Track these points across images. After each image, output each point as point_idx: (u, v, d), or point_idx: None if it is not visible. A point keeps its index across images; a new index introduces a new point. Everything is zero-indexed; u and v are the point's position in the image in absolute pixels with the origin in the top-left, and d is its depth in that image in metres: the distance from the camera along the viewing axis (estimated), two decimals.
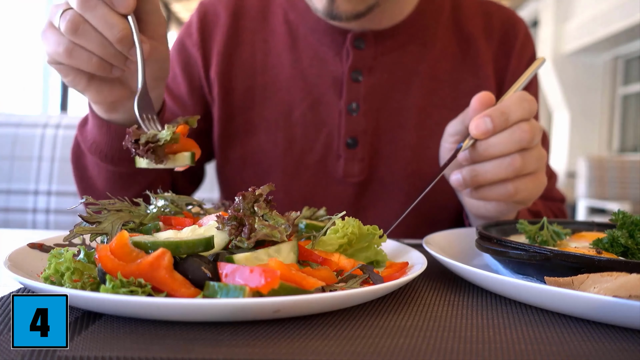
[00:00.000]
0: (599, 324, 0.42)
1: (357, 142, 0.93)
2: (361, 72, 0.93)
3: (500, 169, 0.65)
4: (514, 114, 0.64)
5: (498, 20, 1.00)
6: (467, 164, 0.68)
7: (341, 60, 0.94)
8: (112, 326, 0.38)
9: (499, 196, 0.68)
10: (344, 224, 0.54)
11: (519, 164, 0.64)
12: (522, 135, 0.64)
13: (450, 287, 0.53)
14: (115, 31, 0.58)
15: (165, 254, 0.40)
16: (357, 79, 0.93)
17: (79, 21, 0.58)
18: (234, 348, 0.35)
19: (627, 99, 6.49)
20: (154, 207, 0.57)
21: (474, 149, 0.66)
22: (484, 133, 0.64)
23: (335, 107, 0.94)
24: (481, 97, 0.67)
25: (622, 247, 0.53)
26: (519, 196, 0.67)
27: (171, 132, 0.57)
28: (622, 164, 4.56)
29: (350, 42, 0.93)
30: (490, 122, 0.63)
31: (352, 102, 0.93)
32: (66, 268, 0.41)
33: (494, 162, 0.65)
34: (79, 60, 0.60)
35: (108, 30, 0.58)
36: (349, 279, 0.46)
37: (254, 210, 0.47)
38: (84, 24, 0.58)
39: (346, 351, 0.35)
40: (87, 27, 0.58)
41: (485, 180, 0.66)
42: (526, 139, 0.64)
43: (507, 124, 0.64)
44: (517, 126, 0.64)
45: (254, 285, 0.38)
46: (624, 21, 5.33)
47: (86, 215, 0.52)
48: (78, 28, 0.58)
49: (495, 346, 0.37)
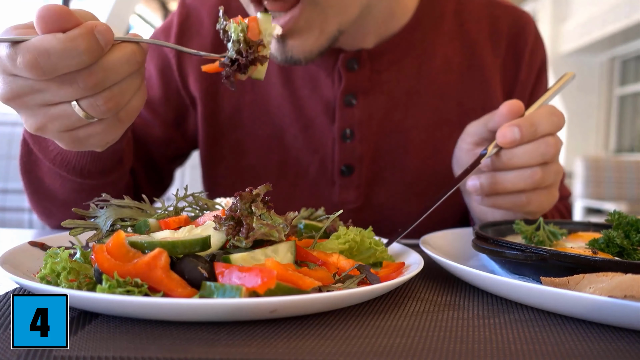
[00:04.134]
0: (595, 324, 0.42)
1: (353, 170, 0.87)
2: (355, 95, 0.86)
3: (519, 180, 0.64)
4: (542, 127, 0.63)
5: (505, 24, 0.92)
6: (487, 170, 0.67)
7: (333, 83, 0.87)
8: (109, 326, 0.38)
9: (512, 205, 0.67)
10: (347, 230, 0.54)
11: (539, 177, 0.64)
12: (547, 150, 0.63)
13: (446, 287, 0.53)
14: (136, 57, 0.50)
15: (162, 254, 0.40)
16: (351, 103, 0.86)
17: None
18: (231, 348, 0.35)
19: (624, 99, 6.51)
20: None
21: (497, 157, 0.65)
22: (511, 142, 0.63)
23: (328, 132, 0.88)
24: (511, 105, 0.66)
25: (618, 248, 0.53)
26: (530, 207, 0.67)
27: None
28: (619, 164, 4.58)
29: (342, 63, 0.85)
30: (518, 132, 0.63)
31: (345, 129, 0.87)
32: (62, 268, 0.41)
33: (515, 172, 0.65)
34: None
35: (130, 66, 0.50)
36: (346, 279, 0.46)
37: (251, 210, 0.47)
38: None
39: (342, 351, 0.35)
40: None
41: (503, 190, 0.66)
42: (550, 154, 0.64)
43: (534, 136, 0.63)
44: (543, 140, 0.64)
45: (250, 285, 0.38)
46: (621, 22, 5.35)
47: (80, 210, 0.52)
48: (118, 101, 0.51)
49: (492, 346, 0.37)
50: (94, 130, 0.53)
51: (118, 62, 0.49)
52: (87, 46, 0.46)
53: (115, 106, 0.51)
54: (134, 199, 0.55)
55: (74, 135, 0.54)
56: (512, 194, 0.66)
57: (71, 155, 0.69)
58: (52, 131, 0.53)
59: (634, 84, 6.25)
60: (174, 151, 0.96)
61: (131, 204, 0.54)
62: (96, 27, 0.47)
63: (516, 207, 0.67)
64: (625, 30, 5.40)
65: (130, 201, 0.54)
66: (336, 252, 0.52)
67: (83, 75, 0.48)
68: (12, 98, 0.50)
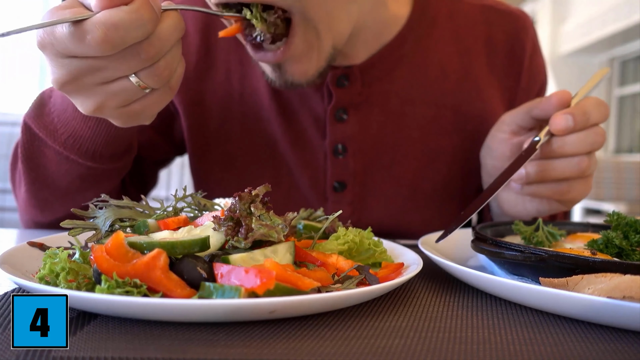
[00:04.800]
0: (593, 325, 0.42)
1: (346, 186, 0.85)
2: (346, 110, 0.83)
3: (567, 168, 0.66)
4: (593, 117, 0.65)
5: (500, 32, 0.90)
6: (534, 158, 0.67)
7: (322, 99, 0.84)
8: (108, 326, 0.38)
9: (552, 193, 0.68)
10: (346, 232, 0.54)
11: (585, 164, 0.65)
12: (595, 139, 0.65)
13: (445, 288, 0.53)
14: (182, 24, 0.52)
15: (161, 255, 0.40)
16: (342, 118, 0.83)
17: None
18: (230, 348, 0.35)
19: (623, 100, 6.51)
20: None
21: (546, 145, 0.66)
22: (564, 130, 0.64)
23: (319, 147, 0.85)
24: (561, 95, 0.67)
25: (617, 248, 0.53)
26: (569, 195, 0.68)
27: None
28: (618, 165, 4.58)
29: (331, 80, 0.82)
30: (572, 120, 0.64)
31: (337, 144, 0.84)
32: (61, 268, 0.41)
33: (564, 160, 0.66)
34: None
35: (178, 33, 0.52)
36: (345, 280, 0.46)
37: (250, 211, 0.47)
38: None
39: (341, 352, 0.35)
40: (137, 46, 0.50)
41: (550, 177, 0.67)
42: (598, 143, 0.65)
43: (586, 125, 0.65)
44: (593, 129, 0.65)
45: (249, 286, 0.38)
46: (620, 23, 5.35)
47: (79, 210, 0.52)
48: (173, 68, 0.53)
49: (490, 347, 0.37)
50: (150, 100, 0.55)
51: (170, 30, 0.50)
52: (150, 15, 0.48)
53: (169, 74, 0.53)
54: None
55: (130, 110, 0.55)
56: (555, 182, 0.68)
57: (84, 139, 0.69)
58: (110, 109, 0.54)
59: (633, 85, 6.25)
60: (159, 156, 0.94)
61: (130, 204, 0.54)
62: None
63: (556, 194, 0.68)
64: (625, 31, 5.40)
65: (129, 202, 0.54)
66: (335, 253, 0.52)
67: (144, 45, 0.49)
68: (70, 81, 0.51)
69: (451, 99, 0.87)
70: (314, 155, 0.86)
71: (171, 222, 0.51)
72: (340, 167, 0.85)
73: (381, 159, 0.86)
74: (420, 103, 0.86)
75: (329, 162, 0.85)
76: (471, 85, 0.88)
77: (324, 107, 0.84)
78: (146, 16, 0.47)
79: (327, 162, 0.85)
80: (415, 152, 0.87)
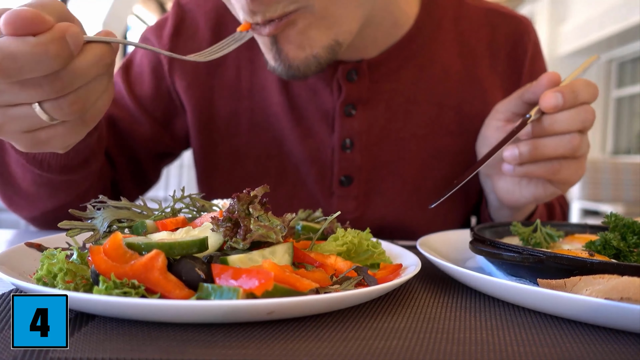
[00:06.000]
0: (591, 326, 0.43)
1: (352, 180, 0.87)
2: (354, 105, 0.86)
3: (559, 146, 0.67)
4: (582, 95, 0.66)
5: (503, 34, 0.92)
6: (526, 138, 0.69)
7: (332, 93, 0.86)
8: (105, 327, 0.38)
9: (544, 172, 0.69)
10: (345, 233, 0.54)
11: (577, 142, 0.66)
12: (586, 116, 0.66)
13: (444, 289, 0.53)
14: (105, 60, 0.48)
15: (159, 255, 0.40)
16: (350, 113, 0.86)
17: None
18: (228, 349, 0.35)
19: (621, 101, 6.53)
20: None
21: (537, 123, 0.67)
22: (554, 107, 0.65)
23: (328, 142, 0.87)
24: (551, 76, 0.68)
25: (615, 250, 0.53)
26: (561, 175, 0.69)
27: None
28: (616, 166, 4.59)
29: (341, 74, 0.84)
30: (561, 97, 0.65)
31: (345, 139, 0.86)
32: (59, 269, 0.41)
33: (555, 137, 0.67)
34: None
35: (98, 68, 0.48)
36: (344, 281, 0.46)
37: (249, 212, 0.47)
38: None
39: (340, 353, 0.35)
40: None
41: (543, 155, 0.68)
42: (589, 120, 0.66)
43: (575, 103, 0.66)
44: (582, 107, 0.66)
45: (247, 287, 0.38)
46: (618, 24, 5.37)
47: (77, 211, 0.52)
48: (84, 104, 0.48)
49: (489, 348, 0.37)
50: (56, 132, 0.50)
51: (87, 65, 0.46)
52: (58, 52, 0.43)
53: (80, 108, 0.48)
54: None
55: (34, 137, 0.50)
56: (547, 162, 0.69)
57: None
58: (10, 132, 0.50)
59: (631, 86, 6.27)
60: (160, 149, 0.94)
61: (128, 205, 0.54)
62: (68, 30, 0.44)
63: (549, 174, 0.69)
64: (623, 32, 5.42)
65: (128, 202, 0.54)
66: (334, 254, 0.52)
67: (49, 79, 0.45)
68: None
69: (454, 100, 0.89)
70: (322, 149, 0.87)
71: (169, 223, 0.51)
72: (347, 162, 0.87)
73: (386, 155, 0.88)
74: (424, 102, 0.88)
75: (336, 157, 0.87)
76: (474, 86, 0.89)
77: (333, 102, 0.86)
78: (52, 52, 0.43)
79: (334, 157, 0.87)
80: (419, 150, 0.88)
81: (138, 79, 0.91)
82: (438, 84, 0.88)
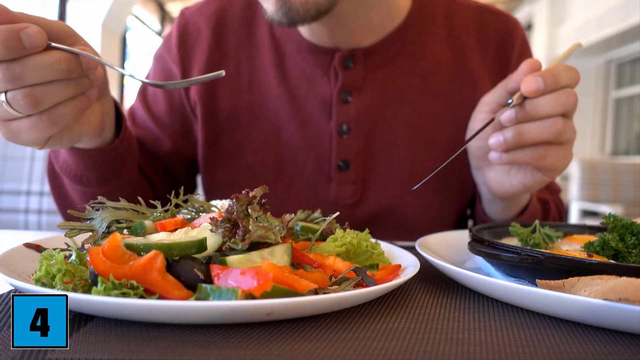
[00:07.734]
0: (589, 327, 0.43)
1: (349, 165, 0.90)
2: (350, 92, 0.90)
3: (543, 130, 0.67)
4: (563, 79, 0.67)
5: (492, 30, 0.96)
6: (510, 124, 0.69)
7: (329, 81, 0.90)
8: (104, 328, 0.38)
9: (530, 158, 0.70)
10: (344, 233, 0.54)
11: (560, 126, 0.67)
12: (568, 99, 0.67)
13: (442, 290, 0.53)
14: (61, 65, 0.53)
15: (158, 256, 0.40)
16: (347, 100, 0.90)
17: (32, 93, 0.52)
18: (226, 350, 0.35)
19: (620, 102, 6.54)
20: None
21: (520, 109, 0.68)
22: (535, 91, 0.66)
23: (325, 129, 0.91)
24: (531, 62, 0.69)
25: (613, 251, 0.53)
26: (547, 161, 0.70)
27: None
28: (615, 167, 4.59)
29: (338, 62, 0.89)
30: (542, 81, 0.66)
31: (342, 124, 0.90)
32: (57, 270, 0.41)
33: (539, 122, 0.68)
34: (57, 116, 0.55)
35: (53, 71, 0.53)
36: (342, 282, 0.46)
37: (247, 213, 0.47)
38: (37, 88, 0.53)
39: (338, 353, 0.35)
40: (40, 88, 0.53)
41: (527, 141, 0.69)
42: (571, 104, 0.67)
43: (556, 86, 0.67)
44: (564, 90, 0.67)
45: (246, 288, 0.38)
46: (617, 25, 5.37)
47: (76, 212, 0.51)
48: (37, 99, 0.53)
49: (487, 348, 0.37)
50: (22, 125, 0.55)
51: (40, 64, 0.51)
52: (4, 40, 0.49)
53: (33, 104, 0.53)
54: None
55: (8, 127, 0.56)
56: (532, 147, 0.70)
57: (72, 164, 0.73)
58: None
59: (630, 87, 6.28)
60: (186, 159, 0.98)
61: (127, 205, 0.54)
62: (26, 29, 0.50)
63: (535, 159, 0.70)
64: (621, 33, 5.43)
65: (126, 203, 0.54)
66: (333, 255, 0.52)
67: (2, 67, 0.50)
68: None
69: (445, 90, 0.92)
70: (320, 136, 0.91)
71: (168, 223, 0.51)
72: (344, 147, 0.90)
73: (380, 141, 0.91)
74: (417, 92, 0.92)
75: (334, 142, 0.90)
76: (465, 77, 0.93)
77: (330, 90, 0.90)
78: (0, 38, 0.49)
79: (332, 142, 0.90)
80: (412, 137, 0.91)
81: (153, 98, 0.96)
82: (430, 74, 0.92)
